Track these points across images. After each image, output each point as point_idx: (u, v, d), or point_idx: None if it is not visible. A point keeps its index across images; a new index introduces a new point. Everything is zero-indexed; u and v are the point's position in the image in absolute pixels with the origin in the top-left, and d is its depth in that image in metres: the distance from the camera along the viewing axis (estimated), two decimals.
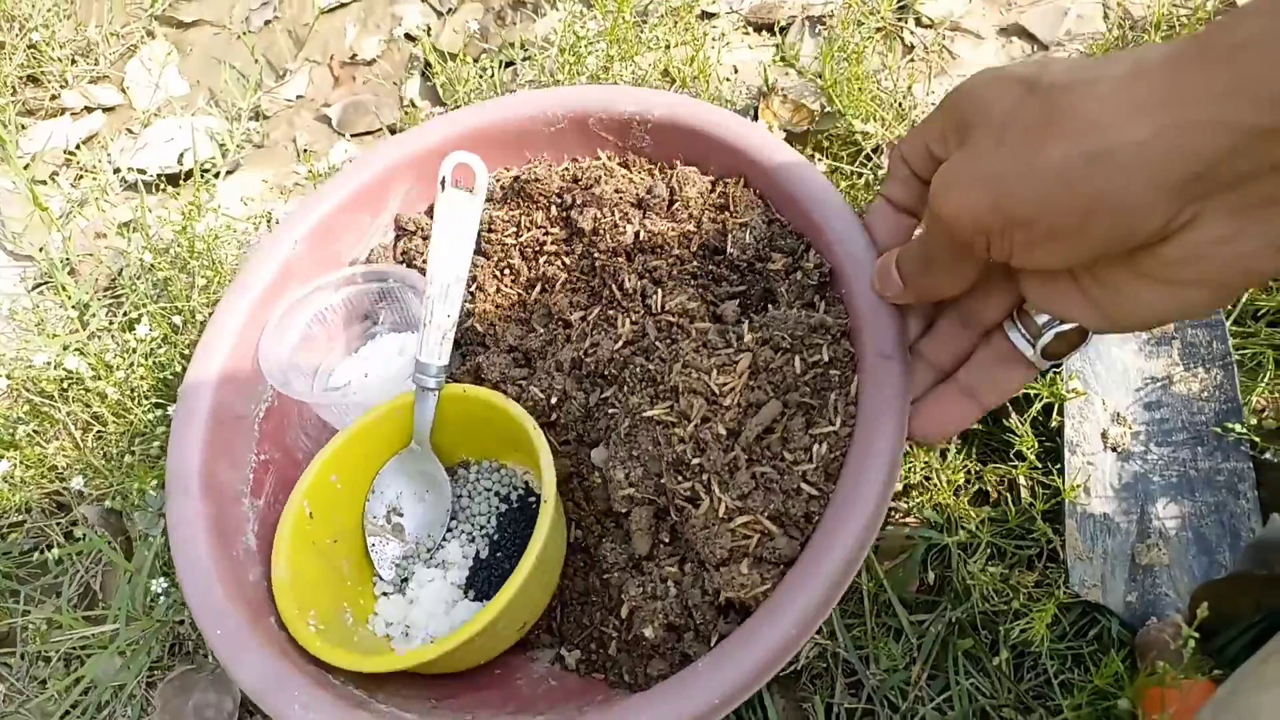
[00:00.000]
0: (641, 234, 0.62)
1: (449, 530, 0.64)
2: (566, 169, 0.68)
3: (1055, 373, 0.63)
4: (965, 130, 0.40)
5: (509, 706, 0.55)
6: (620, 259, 0.62)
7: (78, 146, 1.02)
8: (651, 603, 0.54)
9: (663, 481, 0.54)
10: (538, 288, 0.65)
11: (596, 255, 0.63)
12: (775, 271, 0.59)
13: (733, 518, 0.51)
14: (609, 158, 0.68)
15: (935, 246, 0.45)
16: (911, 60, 0.87)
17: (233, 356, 0.63)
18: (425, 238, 0.67)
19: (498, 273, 0.66)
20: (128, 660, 0.66)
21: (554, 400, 0.60)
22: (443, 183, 0.63)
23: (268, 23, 1.12)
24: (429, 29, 1.04)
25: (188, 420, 0.60)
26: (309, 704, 0.50)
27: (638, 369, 0.58)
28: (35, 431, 0.71)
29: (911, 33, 0.89)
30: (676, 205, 0.64)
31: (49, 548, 0.70)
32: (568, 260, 0.65)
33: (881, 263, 0.51)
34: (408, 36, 1.06)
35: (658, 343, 0.59)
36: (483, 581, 0.61)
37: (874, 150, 0.77)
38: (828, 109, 0.80)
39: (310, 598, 0.57)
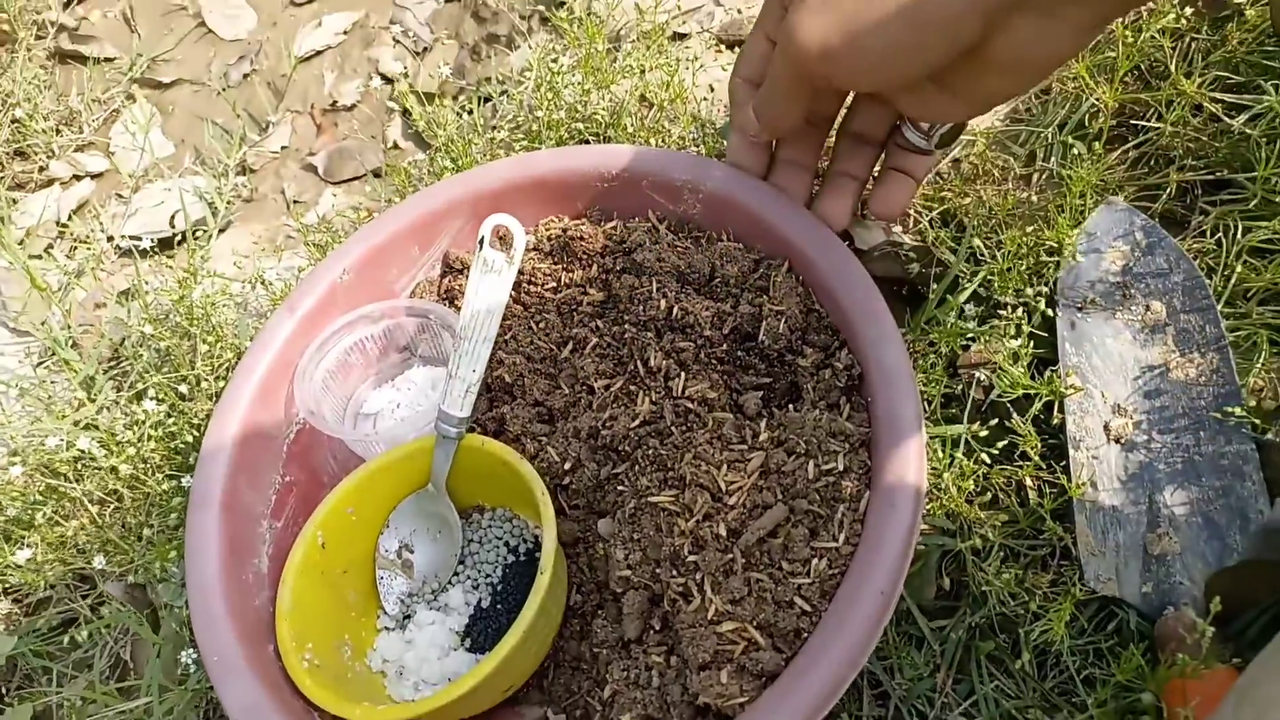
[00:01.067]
0: (675, 310, 0.62)
1: (455, 574, 0.65)
2: (614, 228, 0.68)
3: (1053, 372, 0.63)
4: None
5: None
6: (650, 334, 0.62)
7: (70, 216, 1.03)
8: (632, 690, 0.54)
9: (659, 571, 0.55)
10: (569, 346, 0.65)
11: (627, 325, 0.63)
12: (805, 367, 0.59)
13: (721, 621, 0.52)
14: (657, 220, 0.68)
15: (777, 79, 0.54)
16: None
17: (270, 375, 0.65)
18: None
19: (533, 324, 0.67)
20: None
21: (568, 465, 0.60)
22: (481, 242, 0.64)
23: (246, 76, 1.13)
24: (405, 70, 1.05)
25: (218, 438, 0.62)
26: None
27: (650, 451, 0.58)
28: (54, 513, 0.72)
29: None
30: (716, 282, 0.64)
31: (76, 624, 0.71)
32: (600, 324, 0.65)
33: (743, 114, 0.60)
34: (385, 79, 1.07)
35: (673, 428, 0.59)
36: (479, 632, 0.62)
37: None
38: None
39: (310, 629, 0.58)
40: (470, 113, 0.92)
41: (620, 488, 0.59)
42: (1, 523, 0.73)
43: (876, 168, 0.64)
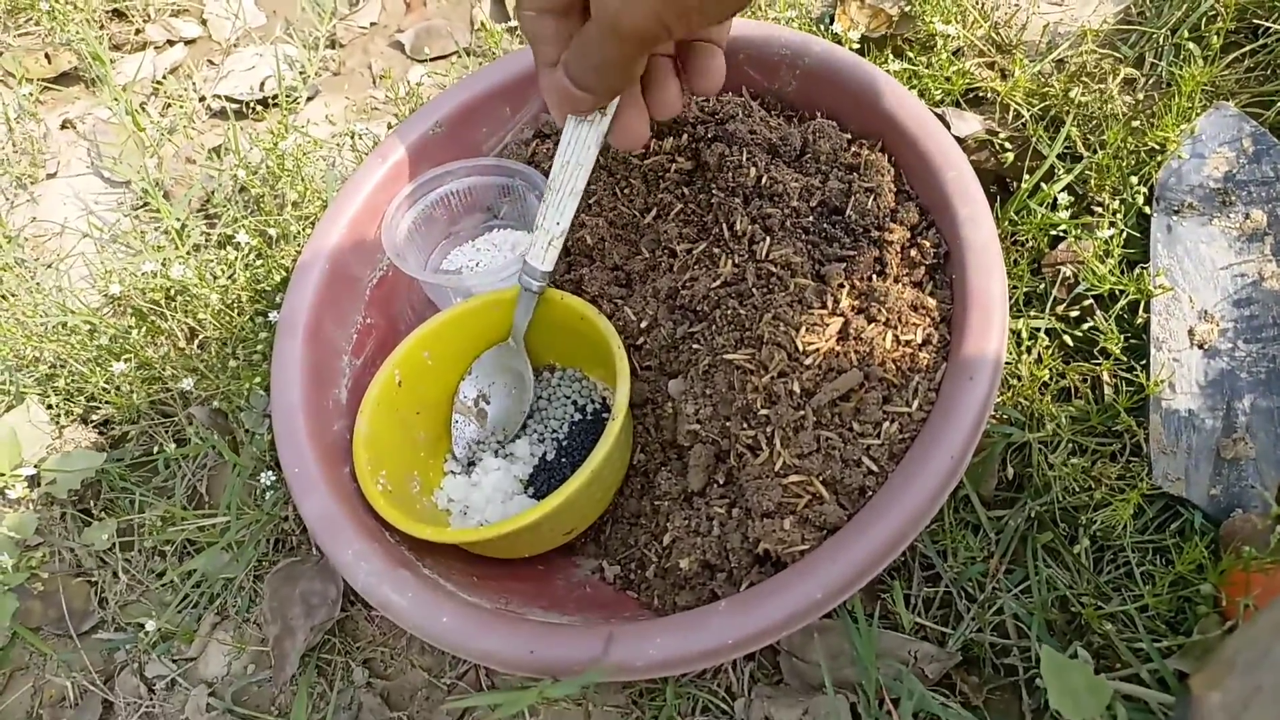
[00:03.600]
0: (764, 179, 0.62)
1: (523, 427, 0.66)
2: (706, 100, 0.68)
3: (1142, 269, 0.62)
4: None
5: (541, 601, 0.58)
6: (737, 200, 0.63)
7: (164, 77, 1.05)
8: (692, 537, 0.55)
9: (728, 425, 0.56)
10: (652, 212, 0.66)
11: (715, 192, 0.63)
12: (890, 242, 0.59)
13: (787, 474, 0.52)
14: (750, 96, 0.68)
15: (607, 56, 0.46)
16: None
17: (358, 219, 0.67)
18: (558, 143, 0.68)
19: (617, 190, 0.67)
20: (236, 554, 0.70)
21: (644, 324, 0.61)
22: None
23: None
24: None
25: (306, 272, 0.64)
26: (362, 553, 0.54)
27: (729, 311, 0.59)
28: (145, 340, 0.75)
29: None
30: (807, 157, 0.63)
31: (160, 450, 0.74)
32: (686, 191, 0.65)
33: (555, 86, 0.50)
34: None
35: (754, 289, 0.59)
36: (543, 482, 0.64)
37: (955, 53, 0.76)
38: (907, 11, 0.78)
39: (384, 458, 0.61)
40: None
41: (695, 346, 0.60)
42: (95, 349, 0.76)
43: None
